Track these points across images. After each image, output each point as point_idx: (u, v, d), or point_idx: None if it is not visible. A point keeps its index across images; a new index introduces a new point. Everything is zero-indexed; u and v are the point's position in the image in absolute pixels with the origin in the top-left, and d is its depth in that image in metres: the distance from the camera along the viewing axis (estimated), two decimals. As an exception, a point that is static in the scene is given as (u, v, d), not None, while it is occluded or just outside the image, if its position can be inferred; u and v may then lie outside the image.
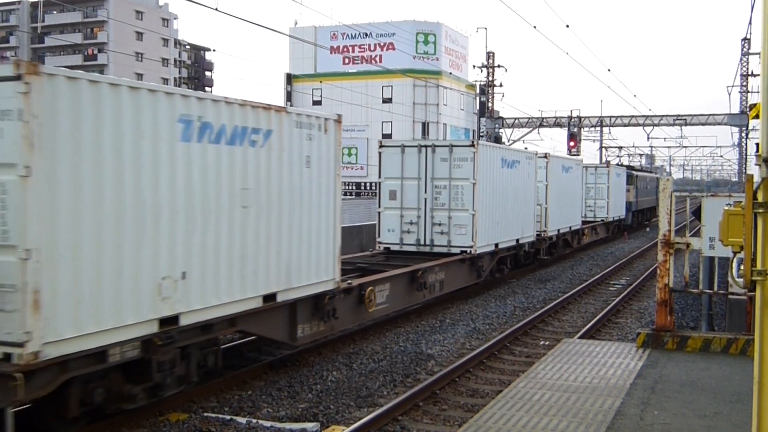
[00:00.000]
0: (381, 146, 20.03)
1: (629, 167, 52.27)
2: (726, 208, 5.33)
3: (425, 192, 19.30)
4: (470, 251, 19.06)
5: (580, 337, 14.32)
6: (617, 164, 49.09)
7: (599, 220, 37.11)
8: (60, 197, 7.71)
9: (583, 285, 22.19)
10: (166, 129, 9.01)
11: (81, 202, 7.95)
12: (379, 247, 19.87)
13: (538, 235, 24.76)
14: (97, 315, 8.14)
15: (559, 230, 27.67)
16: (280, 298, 11.19)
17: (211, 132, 9.77)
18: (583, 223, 33.14)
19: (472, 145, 19.25)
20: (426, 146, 19.41)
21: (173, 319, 9.13)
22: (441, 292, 17.95)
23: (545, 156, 26.46)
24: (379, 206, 19.81)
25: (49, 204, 7.57)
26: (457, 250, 18.99)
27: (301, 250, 11.67)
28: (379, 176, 19.78)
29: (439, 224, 19.23)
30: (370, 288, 14.24)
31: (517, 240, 22.45)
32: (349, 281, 13.61)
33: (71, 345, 7.86)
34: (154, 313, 8.85)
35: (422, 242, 19.38)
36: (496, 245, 20.72)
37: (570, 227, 29.49)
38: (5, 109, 7.44)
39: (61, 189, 7.71)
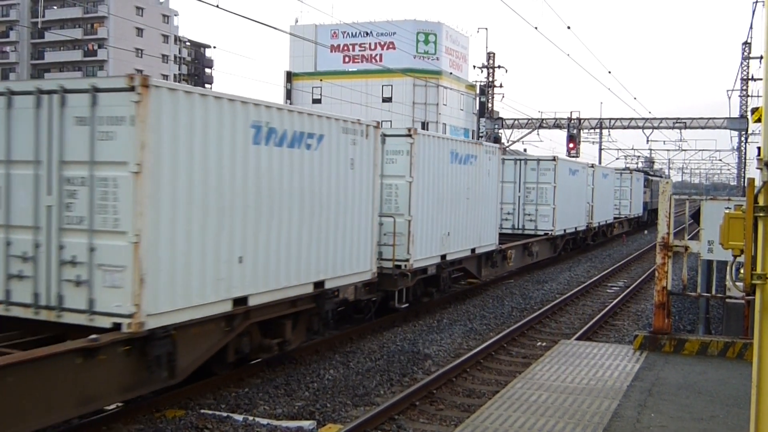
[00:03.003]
0: None
1: (645, 172, 59.36)
2: (727, 211, 5.33)
3: (519, 191, 27.38)
4: (551, 233, 27.09)
5: (578, 339, 14.32)
6: (635, 170, 55.65)
7: (623, 216, 44.57)
8: (417, 191, 15.56)
9: (581, 287, 22.21)
10: (446, 157, 17.18)
11: (425, 194, 16.05)
12: None
13: (587, 225, 32.74)
14: (425, 249, 16.22)
15: (599, 223, 35.81)
16: (477, 251, 19.50)
17: (459, 157, 17.95)
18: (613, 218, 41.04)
19: (554, 160, 27.53)
20: (520, 160, 28.10)
21: (444, 256, 17.41)
22: (537, 259, 26.15)
23: (592, 166, 34.98)
24: None
25: (416, 194, 15.51)
26: (542, 232, 26.97)
27: (484, 224, 19.79)
28: None
29: (529, 214, 27.25)
30: (510, 250, 22.60)
31: (576, 228, 30.70)
32: (500, 245, 21.38)
33: (420, 263, 16.04)
34: (440, 251, 17.09)
35: (516, 227, 27.29)
36: (565, 230, 28.86)
37: (606, 221, 37.76)
38: (399, 150, 15.42)
39: (417, 187, 15.53)
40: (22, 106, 9.21)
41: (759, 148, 4.98)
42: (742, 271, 4.93)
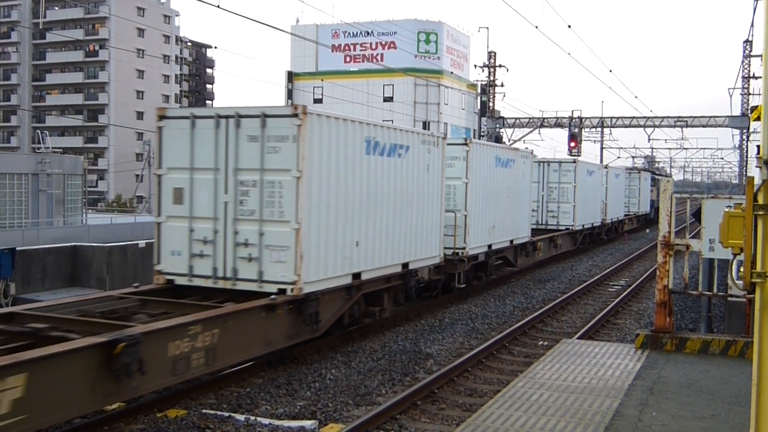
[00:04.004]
0: None
1: (652, 172, 62.74)
2: (726, 210, 5.33)
3: (542, 190, 30.23)
4: (572, 228, 30.21)
5: (579, 338, 14.32)
6: (643, 169, 58.60)
7: (633, 213, 47.88)
8: (471, 190, 18.80)
9: (583, 285, 22.20)
10: (492, 161, 20.27)
11: (477, 193, 19.13)
12: None
13: (601, 221, 35.73)
14: (477, 239, 19.31)
15: (612, 219, 38.83)
16: (514, 242, 22.62)
17: (501, 161, 21.01)
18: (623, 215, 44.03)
19: (574, 162, 31.08)
20: (544, 162, 30.75)
21: (491, 246, 20.49)
22: (560, 250, 29.22)
23: (606, 167, 38.41)
24: None
25: (471, 192, 18.77)
26: (563, 227, 30.00)
27: (519, 219, 22.83)
28: None
29: (552, 211, 30.22)
30: (539, 242, 25.68)
31: (592, 224, 33.91)
32: (532, 238, 24.43)
33: (473, 250, 19.10)
34: (487, 241, 20.25)
35: (540, 222, 29.94)
36: (583, 226, 31.97)
37: (617, 217, 40.76)
38: (457, 156, 18.53)
39: (471, 187, 18.80)
40: (204, 127, 11.98)
41: (758, 147, 4.98)
42: (742, 269, 4.93)
